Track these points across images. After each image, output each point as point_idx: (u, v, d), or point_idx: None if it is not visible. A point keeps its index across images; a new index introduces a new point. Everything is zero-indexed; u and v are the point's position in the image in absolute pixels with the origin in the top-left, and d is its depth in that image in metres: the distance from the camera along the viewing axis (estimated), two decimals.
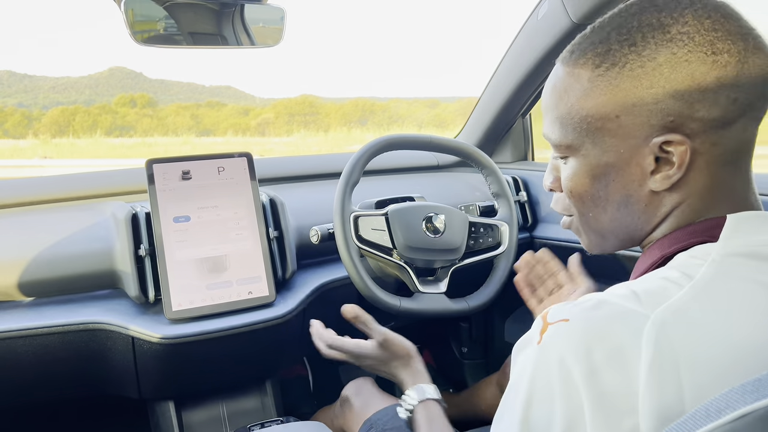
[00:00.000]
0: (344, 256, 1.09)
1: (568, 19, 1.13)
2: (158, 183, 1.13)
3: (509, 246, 1.21)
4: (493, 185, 1.26)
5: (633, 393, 0.45)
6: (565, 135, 0.59)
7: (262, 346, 1.17)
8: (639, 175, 0.56)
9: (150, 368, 1.10)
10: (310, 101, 35.11)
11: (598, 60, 0.55)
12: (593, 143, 0.57)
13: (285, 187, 1.39)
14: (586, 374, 0.46)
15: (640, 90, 0.53)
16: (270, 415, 1.29)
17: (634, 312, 0.47)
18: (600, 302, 0.49)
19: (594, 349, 0.46)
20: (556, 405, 0.47)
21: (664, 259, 0.56)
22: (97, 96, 33.34)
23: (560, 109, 0.59)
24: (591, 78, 0.55)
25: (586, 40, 0.57)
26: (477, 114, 1.52)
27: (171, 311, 1.07)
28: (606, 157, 0.56)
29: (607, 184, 0.58)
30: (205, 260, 1.12)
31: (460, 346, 1.71)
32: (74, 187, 1.30)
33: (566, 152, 0.60)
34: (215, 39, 1.26)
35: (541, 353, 0.49)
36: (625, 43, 0.54)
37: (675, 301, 0.48)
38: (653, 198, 0.56)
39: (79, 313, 1.06)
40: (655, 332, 0.46)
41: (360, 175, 1.15)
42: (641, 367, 0.45)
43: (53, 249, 1.10)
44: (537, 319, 0.52)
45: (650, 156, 0.54)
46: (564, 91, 0.58)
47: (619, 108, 0.54)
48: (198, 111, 31.20)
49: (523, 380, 0.50)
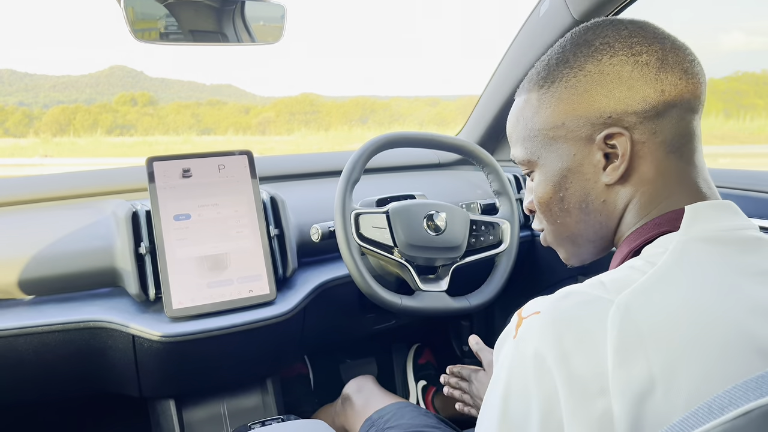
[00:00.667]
0: (345, 254, 1.09)
1: (569, 16, 1.13)
2: (159, 181, 1.13)
3: (511, 244, 1.21)
4: (494, 183, 1.26)
5: (603, 374, 0.47)
6: (526, 152, 0.66)
7: (263, 344, 1.17)
8: (592, 172, 0.61)
9: (150, 366, 1.10)
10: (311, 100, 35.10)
11: (541, 82, 0.63)
12: (549, 152, 0.63)
13: (285, 185, 1.39)
14: (557, 359, 0.48)
15: (576, 95, 0.60)
16: (271, 413, 1.29)
17: (600, 298, 0.50)
18: (569, 293, 0.52)
19: (564, 336, 0.49)
20: (532, 394, 0.49)
21: (632, 253, 0.59)
22: (97, 95, 33.33)
23: (519, 131, 0.66)
24: (539, 98, 0.63)
25: (534, 72, 0.65)
26: (478, 112, 1.52)
27: (171, 309, 1.07)
28: (562, 163, 0.62)
29: (567, 187, 0.63)
30: (206, 258, 1.12)
31: (461, 344, 1.70)
32: (74, 186, 1.30)
33: (530, 167, 0.67)
34: (216, 36, 1.26)
35: (517, 346, 0.52)
36: (561, 63, 0.62)
37: (638, 286, 0.51)
38: (609, 192, 0.61)
39: (79, 311, 1.06)
40: (620, 315, 0.48)
41: (361, 173, 1.14)
42: (608, 348, 0.47)
43: (54, 247, 1.10)
44: (514, 315, 0.55)
45: (599, 153, 0.60)
46: (521, 116, 0.66)
47: (564, 115, 0.61)
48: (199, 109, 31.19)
49: (501, 375, 0.53)
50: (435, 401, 1.58)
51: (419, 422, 0.99)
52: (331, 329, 1.35)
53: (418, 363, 1.72)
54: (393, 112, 28.65)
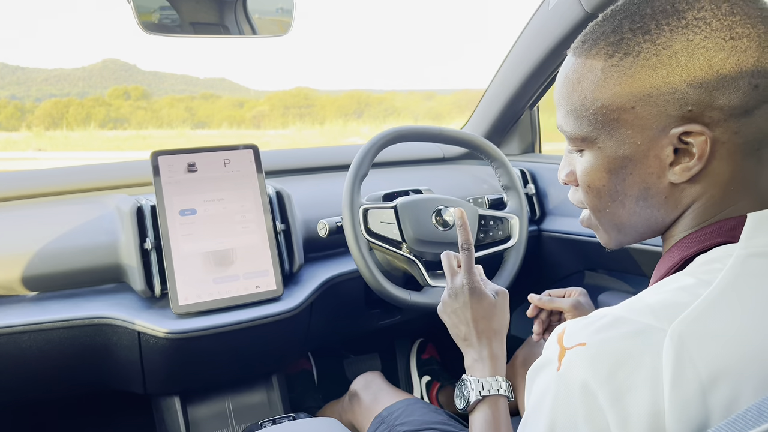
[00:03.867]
0: (353, 250, 1.07)
1: (580, 8, 1.11)
2: (164, 175, 1.11)
3: (519, 239, 1.20)
4: (502, 177, 1.24)
5: (659, 412, 0.44)
6: (580, 127, 0.57)
7: (270, 340, 1.16)
8: (657, 167, 0.54)
9: (156, 363, 1.09)
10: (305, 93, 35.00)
11: (611, 50, 0.53)
12: (609, 135, 0.55)
13: (290, 180, 1.38)
14: (610, 398, 0.45)
15: (655, 80, 0.51)
16: (276, 410, 1.28)
17: (651, 327, 0.46)
18: (614, 321, 0.48)
19: (616, 372, 0.45)
20: (580, 430, 0.46)
21: (684, 261, 0.54)
22: (90, 88, 33.11)
23: (574, 100, 0.57)
24: (604, 68, 0.54)
25: (598, 29, 0.55)
26: (484, 105, 1.51)
27: (177, 305, 1.06)
28: (623, 150, 0.55)
29: (624, 177, 0.56)
30: (212, 254, 1.11)
31: None
32: (76, 180, 1.28)
33: (581, 145, 0.58)
34: (217, 29, 1.25)
35: (561, 379, 0.48)
36: (639, 32, 0.52)
37: (691, 312, 0.46)
38: (673, 190, 0.55)
39: (83, 307, 1.04)
40: (674, 348, 0.44)
41: (369, 167, 1.13)
42: (665, 385, 0.44)
43: (57, 242, 1.08)
44: (551, 340, 0.51)
45: (669, 147, 0.52)
46: (577, 82, 0.56)
47: (635, 99, 0.52)
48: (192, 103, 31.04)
49: (543, 407, 0.49)
50: (440, 397, 1.58)
51: (430, 419, 0.98)
52: (337, 325, 1.34)
53: (421, 358, 1.71)
54: (388, 106, 28.61)
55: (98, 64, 37.73)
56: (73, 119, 23.00)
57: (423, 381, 1.64)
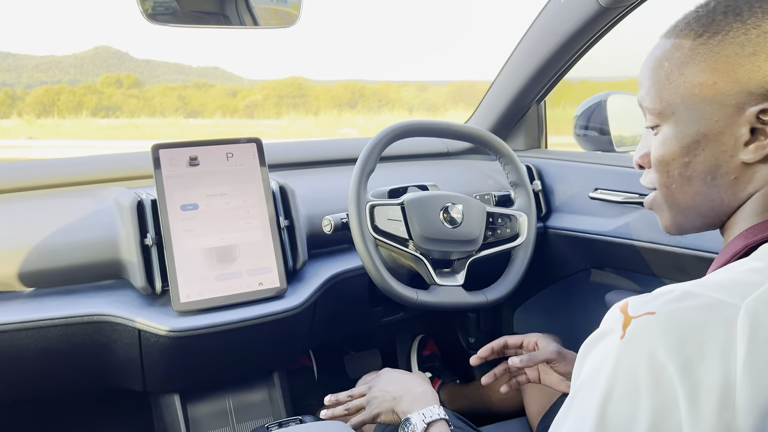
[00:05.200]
0: (360, 247, 1.05)
1: (595, 2, 1.09)
2: (165, 169, 1.08)
3: (528, 237, 1.18)
4: (511, 174, 1.22)
5: (730, 386, 0.44)
6: (660, 100, 0.58)
7: (273, 338, 1.14)
8: (731, 145, 0.55)
9: (156, 361, 1.06)
10: (299, 83, 34.80)
11: (701, 29, 0.55)
12: (687, 109, 0.56)
13: (293, 174, 1.35)
14: (681, 368, 0.44)
15: (741, 57, 0.53)
16: (278, 408, 1.26)
17: (724, 302, 0.46)
18: (685, 293, 0.48)
19: (687, 342, 0.45)
20: (642, 400, 0.45)
21: (748, 249, 0.54)
22: (82, 75, 32.80)
23: (658, 75, 0.59)
24: (692, 47, 0.56)
25: (691, 14, 0.57)
26: (490, 99, 1.48)
27: (179, 303, 1.03)
28: (699, 125, 0.56)
29: (697, 153, 0.56)
30: (214, 250, 1.08)
31: (467, 336, 1.68)
32: (73, 172, 1.25)
33: (659, 119, 0.59)
34: (218, 19, 1.22)
35: (627, 347, 0.47)
36: (731, 13, 0.54)
37: (765, 291, 0.46)
38: (744, 171, 0.55)
39: (82, 304, 1.02)
40: (749, 322, 0.44)
41: (376, 163, 1.11)
42: (738, 359, 0.44)
43: (54, 237, 1.05)
44: (613, 311, 0.50)
45: (745, 126, 0.53)
46: (664, 59, 0.58)
47: (718, 74, 0.54)
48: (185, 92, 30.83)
49: (601, 374, 0.47)
50: (441, 394, 1.56)
51: None
52: (340, 322, 1.32)
53: (422, 354, 1.69)
54: (382, 97, 28.51)
55: (90, 51, 37.39)
56: (64, 107, 22.79)
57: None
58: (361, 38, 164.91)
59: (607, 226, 1.25)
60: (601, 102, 1.37)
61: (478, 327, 1.65)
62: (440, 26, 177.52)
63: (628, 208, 1.21)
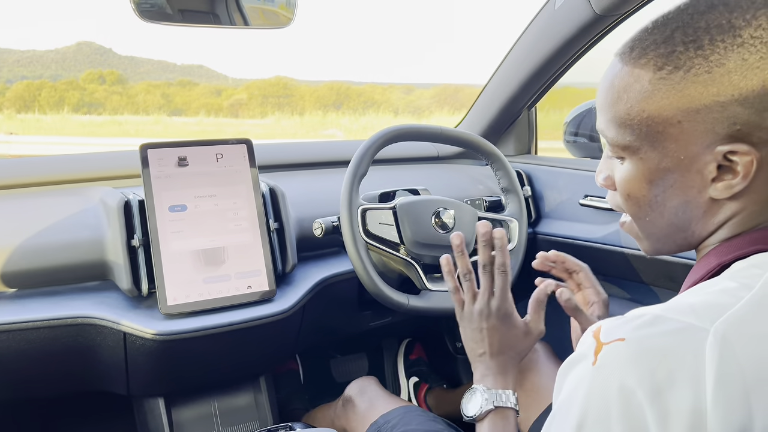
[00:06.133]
0: (351, 252, 1.04)
1: (590, 10, 1.09)
2: (153, 169, 1.06)
3: (519, 243, 1.18)
4: (503, 180, 1.22)
5: (701, 411, 0.43)
6: (623, 136, 0.56)
7: (260, 342, 1.12)
8: (699, 182, 0.53)
9: (141, 365, 1.04)
10: (284, 83, 34.66)
11: (660, 61, 0.52)
12: (652, 147, 0.54)
13: (282, 175, 1.33)
14: (650, 395, 0.44)
15: (706, 97, 0.50)
16: (264, 412, 1.24)
17: (692, 326, 0.45)
18: (655, 318, 0.47)
19: (656, 369, 0.44)
20: (613, 427, 0.45)
21: (721, 267, 0.54)
22: (64, 71, 32.35)
23: (618, 108, 0.56)
24: (652, 80, 0.53)
25: (648, 37, 0.54)
26: (481, 104, 1.48)
27: (166, 306, 1.01)
28: (665, 162, 0.54)
29: (665, 189, 0.55)
30: (202, 252, 1.06)
31: (454, 340, 1.67)
32: (58, 170, 1.22)
33: (623, 153, 0.57)
34: (207, 17, 1.21)
35: (597, 374, 0.47)
36: (691, 46, 0.50)
37: (734, 312, 0.46)
38: (712, 205, 0.54)
39: (66, 306, 0.99)
40: (718, 347, 0.44)
41: (368, 166, 1.10)
42: (707, 384, 0.44)
43: (38, 237, 1.03)
44: (586, 336, 0.50)
45: (712, 164, 0.52)
46: (623, 90, 0.55)
47: (682, 114, 0.51)
48: (169, 90, 30.53)
49: (575, 401, 0.48)
50: (428, 399, 1.55)
51: (428, 428, 0.95)
52: (328, 326, 1.31)
53: (409, 358, 1.68)
54: (367, 99, 28.48)
55: (72, 47, 36.90)
56: (45, 102, 22.46)
57: (411, 382, 1.62)
58: (347, 39, 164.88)
59: (597, 233, 1.25)
60: (591, 109, 1.38)
61: None
62: (427, 29, 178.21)
63: (617, 216, 1.21)
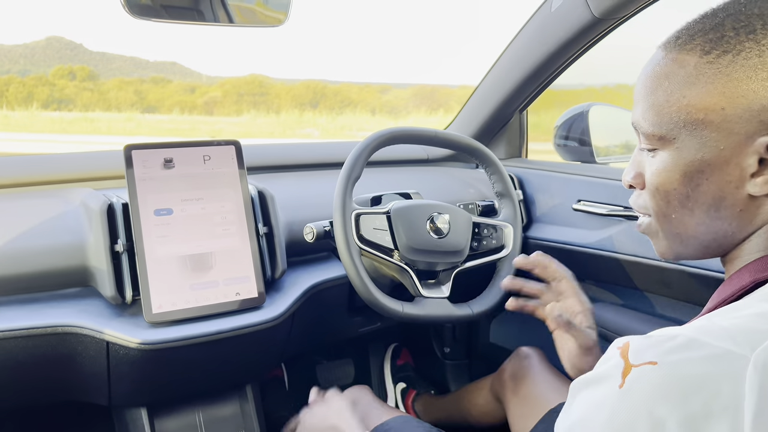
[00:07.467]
0: (345, 258, 1.01)
1: (589, 13, 1.07)
2: (138, 170, 1.02)
3: (513, 248, 1.16)
4: (497, 184, 1.20)
5: None
6: (660, 125, 0.54)
7: (248, 350, 1.09)
8: (737, 176, 0.51)
9: (124, 375, 1.00)
10: (260, 81, 34.34)
11: (708, 46, 0.50)
12: (690, 136, 0.52)
13: (271, 177, 1.30)
14: (683, 425, 0.41)
15: (754, 82, 0.48)
16: (250, 422, 1.21)
17: (731, 353, 0.43)
18: (690, 341, 0.44)
19: (691, 398, 0.42)
20: None
21: (756, 284, 0.51)
22: (32, 66, 31.63)
23: (657, 95, 0.54)
24: (698, 65, 0.51)
25: (695, 26, 0.53)
26: (472, 106, 1.46)
27: (151, 314, 0.97)
28: (703, 153, 0.51)
29: (699, 183, 0.52)
30: (189, 258, 1.02)
31: (442, 345, 1.65)
32: (36, 171, 1.17)
33: (657, 144, 0.55)
34: (191, 14, 1.18)
35: (624, 398, 0.44)
36: (742, 30, 0.49)
37: None
38: (750, 203, 0.51)
39: (45, 314, 0.95)
40: (758, 377, 0.41)
41: (362, 169, 1.07)
42: (746, 416, 0.41)
43: (15, 241, 0.98)
44: (612, 354, 0.47)
45: (753, 156, 0.50)
46: (664, 77, 0.53)
47: (727, 99, 0.49)
48: (142, 87, 30.05)
49: (596, 422, 0.45)
50: (416, 406, 1.53)
51: None
52: (317, 333, 1.27)
53: (396, 364, 1.66)
54: (344, 98, 28.37)
55: (41, 42, 36.10)
56: (13, 98, 21.93)
57: (398, 388, 1.59)
58: (322, 38, 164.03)
59: (590, 238, 1.24)
60: (582, 113, 1.37)
61: (454, 336, 1.63)
62: (402, 29, 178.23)
63: (611, 221, 1.20)
